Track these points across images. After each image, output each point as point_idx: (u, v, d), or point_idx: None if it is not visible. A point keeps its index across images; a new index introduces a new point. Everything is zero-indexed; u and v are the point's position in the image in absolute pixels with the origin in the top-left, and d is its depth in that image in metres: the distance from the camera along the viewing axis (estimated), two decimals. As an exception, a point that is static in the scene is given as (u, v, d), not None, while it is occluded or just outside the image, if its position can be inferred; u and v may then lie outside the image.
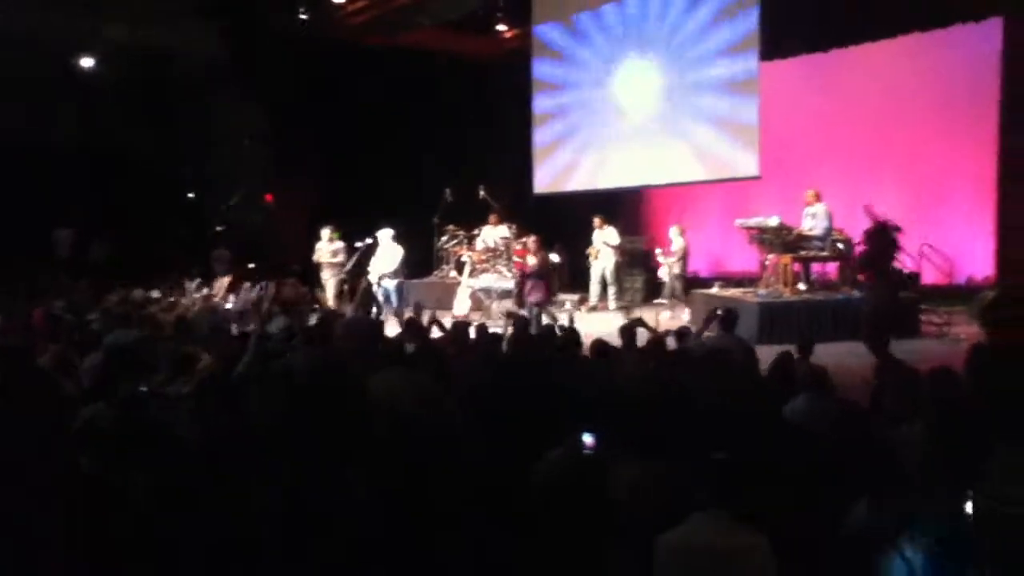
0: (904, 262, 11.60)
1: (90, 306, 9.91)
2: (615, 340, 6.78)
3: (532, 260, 11.14)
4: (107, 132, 15.42)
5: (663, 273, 13.50)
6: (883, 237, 8.71)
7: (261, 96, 16.25)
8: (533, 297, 10.89)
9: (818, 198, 10.99)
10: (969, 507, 2.39)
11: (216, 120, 16.65)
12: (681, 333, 7.15)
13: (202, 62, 15.68)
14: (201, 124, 16.52)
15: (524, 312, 10.78)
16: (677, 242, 13.22)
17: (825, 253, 11.23)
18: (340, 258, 12.87)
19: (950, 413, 3.55)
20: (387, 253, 11.96)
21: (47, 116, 14.65)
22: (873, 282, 8.64)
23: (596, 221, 14.17)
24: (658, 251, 13.96)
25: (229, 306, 11.23)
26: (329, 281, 12.93)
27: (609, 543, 3.28)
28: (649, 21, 14.27)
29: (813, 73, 14.64)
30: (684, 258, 13.28)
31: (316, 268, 13.23)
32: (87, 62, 15.39)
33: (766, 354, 6.44)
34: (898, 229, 8.76)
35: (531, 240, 11.53)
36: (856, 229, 11.76)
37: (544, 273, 11.14)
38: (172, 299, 10.99)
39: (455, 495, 3.40)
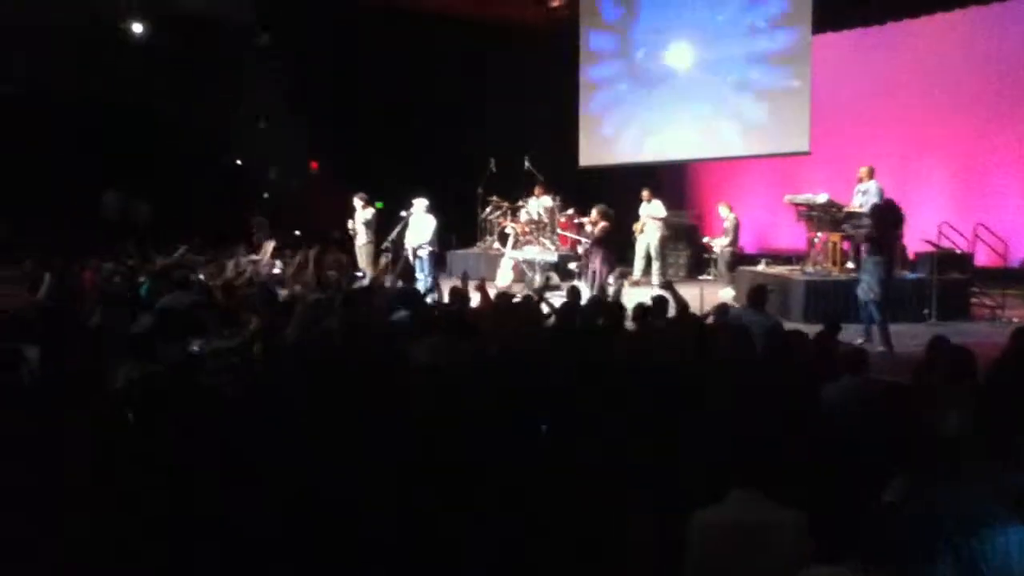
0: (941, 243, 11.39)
1: (139, 269, 10.08)
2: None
3: (592, 228, 11.15)
4: (152, 96, 15.58)
5: (716, 250, 13.36)
6: (888, 215, 8.62)
7: (305, 64, 16.29)
8: (595, 264, 10.92)
9: (871, 175, 10.75)
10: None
11: (258, 87, 16.74)
12: (721, 310, 7.08)
13: (247, 28, 15.76)
14: (243, 91, 16.63)
15: (582, 282, 10.88)
16: (729, 219, 13.07)
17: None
18: (370, 226, 12.94)
19: (999, 395, 3.47)
20: (421, 223, 12.01)
21: (96, 79, 14.83)
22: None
23: (644, 194, 14.00)
24: (705, 239, 13.83)
25: (276, 271, 11.37)
26: (361, 248, 13.01)
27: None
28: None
29: (865, 46, 14.30)
30: (735, 236, 13.11)
31: (351, 236, 13.31)
32: (138, 27, 15.53)
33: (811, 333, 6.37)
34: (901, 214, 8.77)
35: (596, 209, 11.45)
36: (908, 207, 11.53)
37: (607, 241, 11.12)
38: (227, 264, 11.13)
39: (486, 459, 3.41)
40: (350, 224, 13.18)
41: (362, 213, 13.05)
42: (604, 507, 3.31)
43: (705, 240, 13.90)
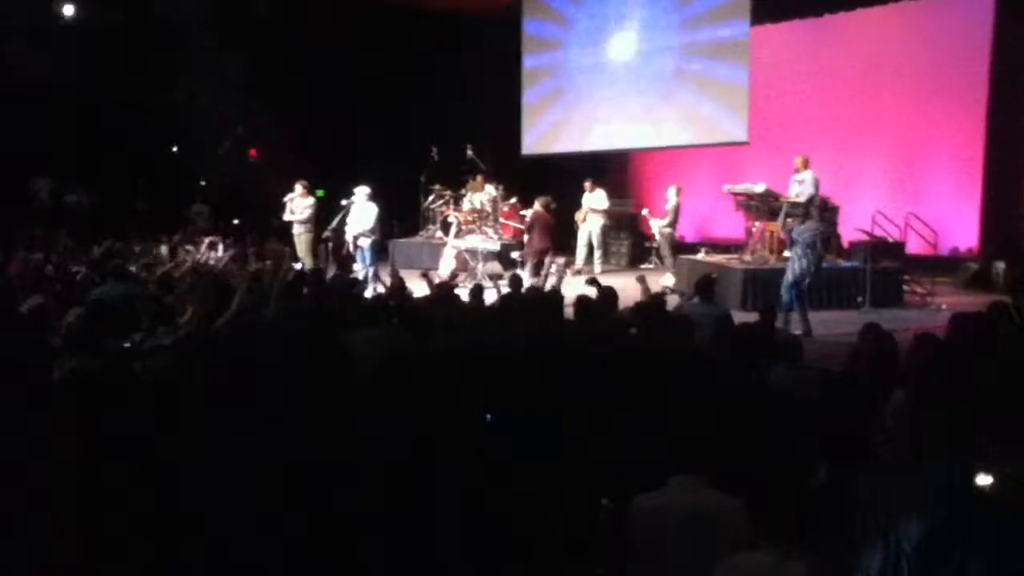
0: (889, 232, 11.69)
1: (70, 257, 9.82)
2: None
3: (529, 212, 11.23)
4: (85, 79, 15.15)
5: (655, 231, 13.50)
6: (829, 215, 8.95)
7: (244, 47, 16.00)
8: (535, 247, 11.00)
9: (807, 165, 10.97)
10: (981, 479, 2.39)
11: (198, 71, 16.40)
12: (657, 297, 7.14)
13: (183, 10, 15.40)
14: (184, 73, 16.28)
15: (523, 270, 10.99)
16: (672, 201, 13.20)
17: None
18: (309, 214, 12.65)
19: (932, 381, 3.57)
20: (363, 211, 11.88)
21: (23, 62, 14.35)
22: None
23: (586, 184, 14.12)
24: (644, 211, 13.92)
25: (212, 261, 11.16)
26: (300, 236, 12.71)
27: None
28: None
29: (804, 38, 14.56)
30: (675, 218, 13.25)
31: (288, 223, 13.01)
32: (67, 8, 15.08)
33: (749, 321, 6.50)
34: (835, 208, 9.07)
35: (539, 201, 11.51)
36: (843, 197, 11.82)
37: (546, 225, 11.19)
38: (163, 253, 10.89)
39: (430, 449, 3.41)
40: (287, 211, 12.83)
41: (302, 201, 12.74)
42: (546, 495, 3.34)
43: (644, 213, 13.95)
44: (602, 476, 3.51)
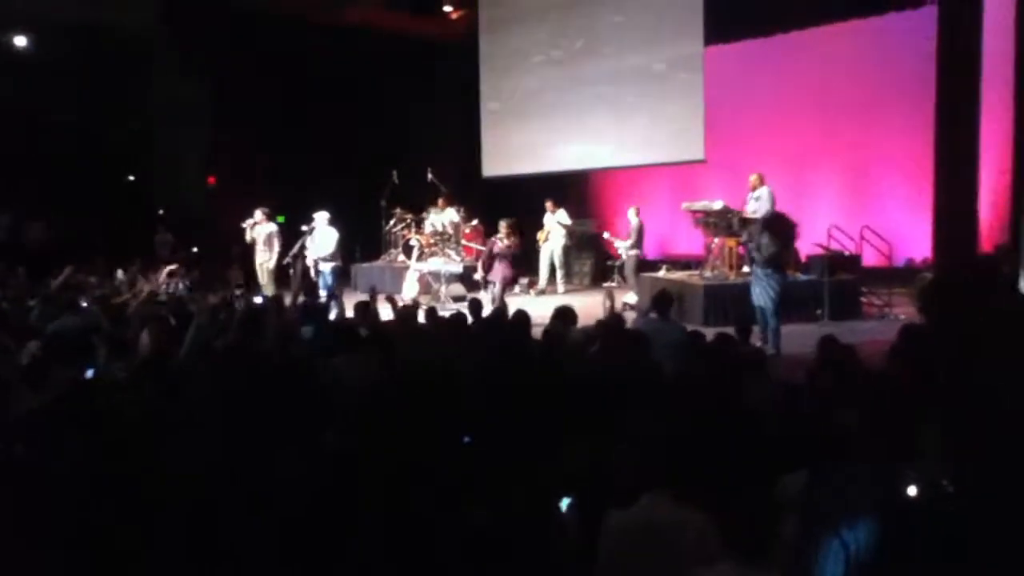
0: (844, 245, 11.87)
1: (26, 293, 9.64)
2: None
3: (504, 241, 11.18)
4: (43, 110, 14.97)
5: (622, 252, 13.60)
6: (783, 232, 9.09)
7: (201, 74, 15.91)
8: (498, 275, 10.97)
9: (762, 181, 11.13)
10: (912, 489, 2.44)
11: (156, 99, 16.28)
12: (615, 315, 7.19)
13: (140, 38, 15.30)
14: (141, 103, 16.15)
15: (487, 292, 10.96)
16: (634, 223, 13.34)
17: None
18: (272, 240, 12.61)
19: (883, 391, 3.63)
20: (323, 236, 11.84)
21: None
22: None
23: (548, 205, 14.21)
24: (606, 235, 13.99)
25: (169, 290, 11.02)
26: (262, 266, 12.67)
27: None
28: (595, 3, 14.31)
29: (756, 57, 14.81)
30: (639, 239, 13.38)
31: (250, 250, 12.94)
32: (20, 40, 14.90)
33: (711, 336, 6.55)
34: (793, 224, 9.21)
35: (504, 223, 11.54)
36: (799, 212, 12.00)
37: (512, 255, 11.21)
38: (119, 283, 10.71)
39: (401, 475, 3.39)
40: (248, 237, 12.75)
41: (263, 227, 12.69)
42: (526, 516, 3.33)
43: (606, 236, 14.01)
44: (570, 490, 3.51)
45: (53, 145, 15.27)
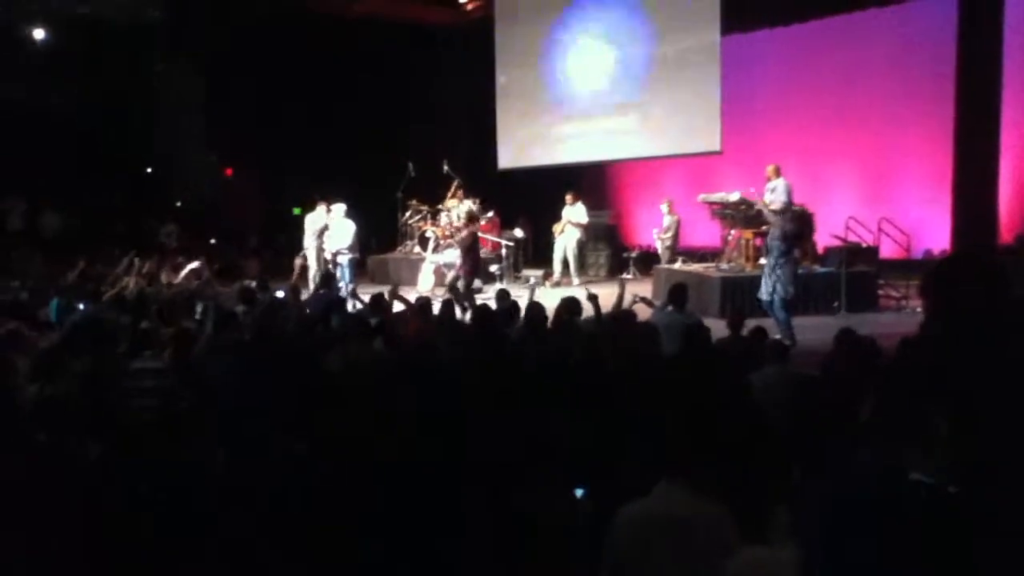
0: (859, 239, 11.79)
1: (45, 282, 9.72)
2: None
3: (464, 232, 11.08)
4: (60, 103, 15.07)
5: (658, 247, 13.63)
6: (798, 230, 9.02)
7: (215, 68, 15.98)
8: (464, 269, 10.92)
9: (778, 173, 11.06)
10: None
11: (172, 93, 16.36)
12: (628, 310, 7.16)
13: (151, 30, 15.35)
14: (156, 97, 16.23)
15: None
16: (667, 218, 13.36)
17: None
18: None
19: (905, 382, 3.60)
20: (340, 228, 11.85)
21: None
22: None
23: (568, 197, 14.14)
24: (655, 231, 13.97)
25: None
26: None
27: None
28: (612, -6, 14.28)
29: (773, 47, 14.71)
30: (676, 233, 13.39)
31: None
32: (38, 32, 14.99)
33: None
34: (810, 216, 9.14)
35: (465, 213, 11.47)
36: (817, 203, 11.92)
37: (470, 247, 11.10)
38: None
39: (406, 464, 3.40)
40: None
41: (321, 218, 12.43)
42: (533, 505, 3.33)
43: (654, 231, 14.04)
44: (584, 479, 3.52)
45: (67, 136, 15.36)
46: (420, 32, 17.09)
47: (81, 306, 7.89)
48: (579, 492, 3.53)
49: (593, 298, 7.11)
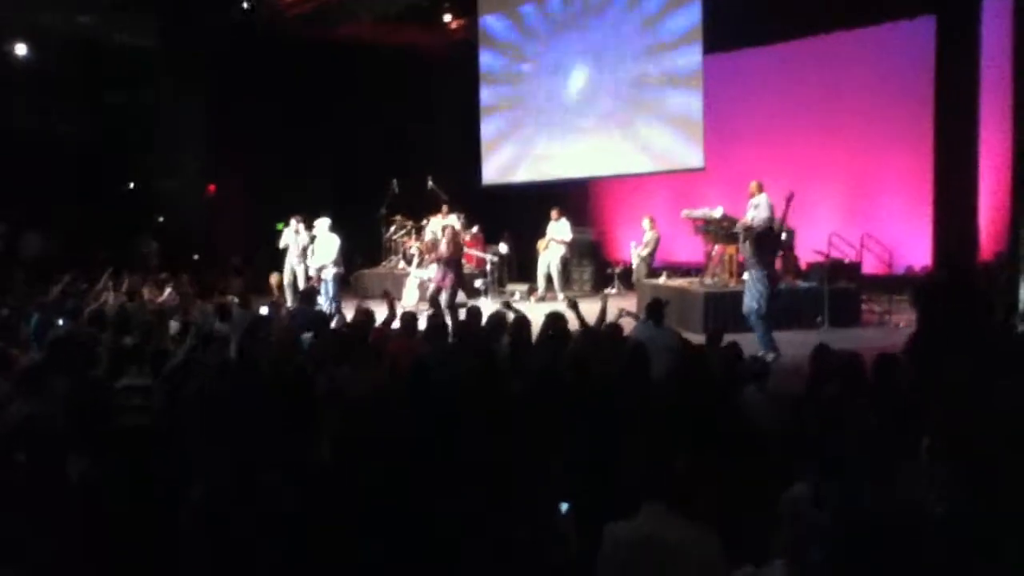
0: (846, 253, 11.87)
1: (26, 301, 9.63)
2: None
3: (444, 248, 11.07)
4: (41, 121, 14.98)
5: (633, 260, 13.63)
6: (766, 244, 9.06)
7: (199, 88, 15.94)
8: (447, 283, 10.90)
9: (761, 189, 11.11)
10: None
11: (154, 111, 16.30)
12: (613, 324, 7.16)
13: (140, 50, 15.32)
14: (139, 114, 16.16)
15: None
16: (648, 234, 13.39)
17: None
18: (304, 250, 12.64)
19: (889, 399, 3.63)
20: (325, 243, 11.84)
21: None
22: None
23: (553, 213, 14.19)
24: (632, 243, 13.98)
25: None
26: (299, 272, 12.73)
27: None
28: (594, 13, 14.35)
29: (756, 66, 14.84)
30: (654, 249, 13.41)
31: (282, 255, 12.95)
32: (20, 49, 14.92)
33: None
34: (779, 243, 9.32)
35: (448, 228, 11.49)
36: (799, 219, 11.99)
37: (453, 261, 11.10)
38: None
39: (401, 483, 3.38)
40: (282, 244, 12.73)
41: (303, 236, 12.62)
42: (523, 527, 3.33)
43: (632, 244, 14.03)
44: (568, 499, 3.51)
45: (51, 156, 15.26)
46: (405, 52, 17.14)
47: (61, 322, 7.84)
48: (563, 507, 3.53)
49: (574, 305, 7.14)
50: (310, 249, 12.15)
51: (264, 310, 9.34)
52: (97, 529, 3.13)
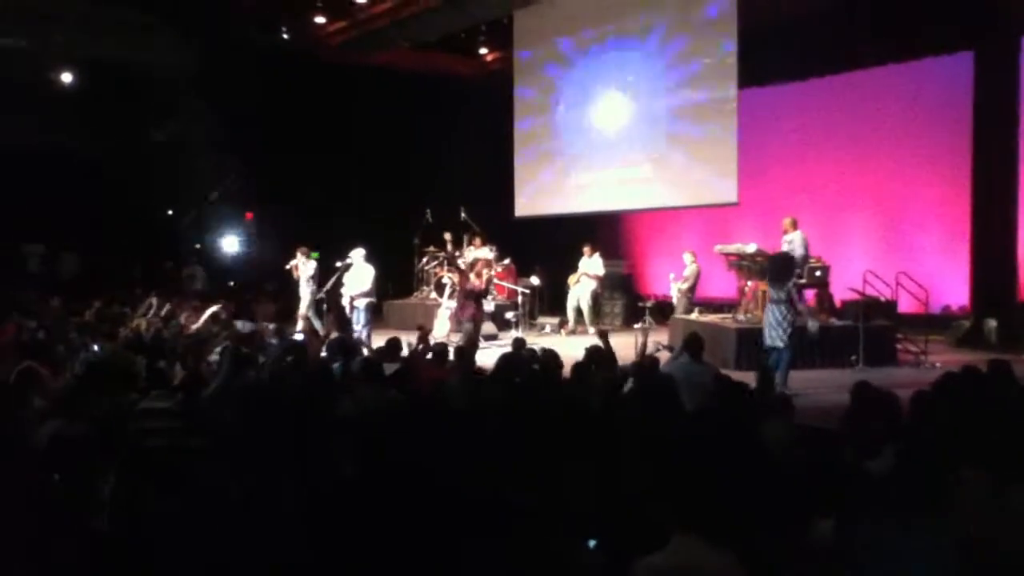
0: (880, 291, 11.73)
1: (63, 323, 9.79)
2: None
3: (474, 279, 11.16)
4: (82, 145, 15.29)
5: (673, 294, 13.57)
6: (782, 267, 8.97)
7: (237, 114, 16.20)
8: (465, 314, 10.96)
9: (795, 226, 11.08)
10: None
11: (193, 137, 16.58)
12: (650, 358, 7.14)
13: (175, 76, 15.62)
14: (179, 140, 16.45)
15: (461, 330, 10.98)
16: (690, 267, 13.35)
17: (802, 280, 11.27)
18: (313, 279, 12.77)
19: (923, 437, 3.57)
20: (360, 273, 11.94)
21: (16, 127, 14.45)
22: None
23: (586, 249, 14.22)
24: (671, 275, 13.93)
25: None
26: (305, 299, 12.83)
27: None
28: (628, 47, 14.43)
29: (791, 101, 14.82)
30: (694, 283, 13.35)
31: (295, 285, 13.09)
32: (67, 77, 15.30)
33: (746, 380, 6.48)
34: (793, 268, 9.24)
35: (481, 262, 11.57)
36: (833, 256, 11.90)
37: (476, 295, 11.18)
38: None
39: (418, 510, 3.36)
40: (296, 274, 12.91)
41: (305, 267, 12.84)
42: (548, 559, 3.29)
43: (671, 276, 13.98)
44: (595, 531, 3.47)
45: (87, 180, 15.56)
46: (441, 81, 17.34)
47: (96, 347, 7.96)
48: (591, 543, 3.49)
49: (604, 336, 7.12)
50: (344, 276, 12.21)
51: (298, 336, 9.41)
52: (122, 551, 3.15)
